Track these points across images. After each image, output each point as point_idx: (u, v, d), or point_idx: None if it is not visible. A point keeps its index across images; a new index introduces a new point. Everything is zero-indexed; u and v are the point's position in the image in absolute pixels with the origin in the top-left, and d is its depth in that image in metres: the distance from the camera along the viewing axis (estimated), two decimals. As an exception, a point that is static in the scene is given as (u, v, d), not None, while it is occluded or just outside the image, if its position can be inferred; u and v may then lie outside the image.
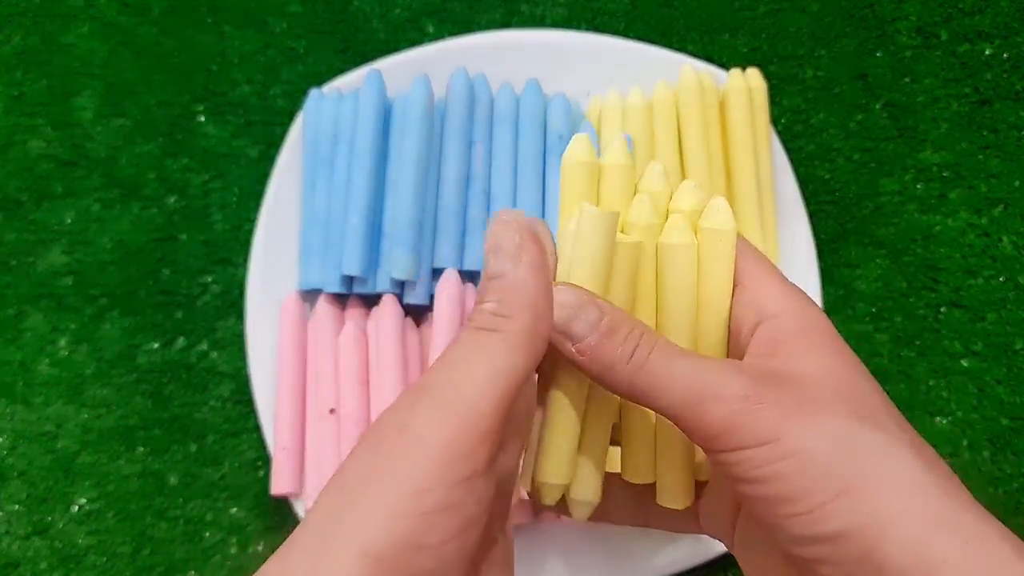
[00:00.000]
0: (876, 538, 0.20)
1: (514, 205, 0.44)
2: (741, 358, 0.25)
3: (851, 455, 0.21)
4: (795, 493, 0.21)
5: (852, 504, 0.21)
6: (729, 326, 0.26)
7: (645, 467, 0.27)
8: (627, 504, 0.29)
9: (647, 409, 0.26)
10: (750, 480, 0.22)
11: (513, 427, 0.23)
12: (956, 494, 0.21)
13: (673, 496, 0.27)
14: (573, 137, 0.26)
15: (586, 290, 0.23)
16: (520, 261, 0.21)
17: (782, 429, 0.22)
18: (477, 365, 0.20)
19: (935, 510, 0.20)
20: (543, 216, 0.44)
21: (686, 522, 0.29)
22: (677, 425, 0.23)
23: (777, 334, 0.24)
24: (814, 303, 0.25)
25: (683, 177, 0.45)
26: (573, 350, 0.22)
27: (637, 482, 0.27)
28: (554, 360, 0.24)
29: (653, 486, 0.27)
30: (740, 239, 0.26)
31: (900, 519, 0.20)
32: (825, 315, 0.25)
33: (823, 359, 0.23)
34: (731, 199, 0.45)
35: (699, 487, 0.28)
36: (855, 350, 0.47)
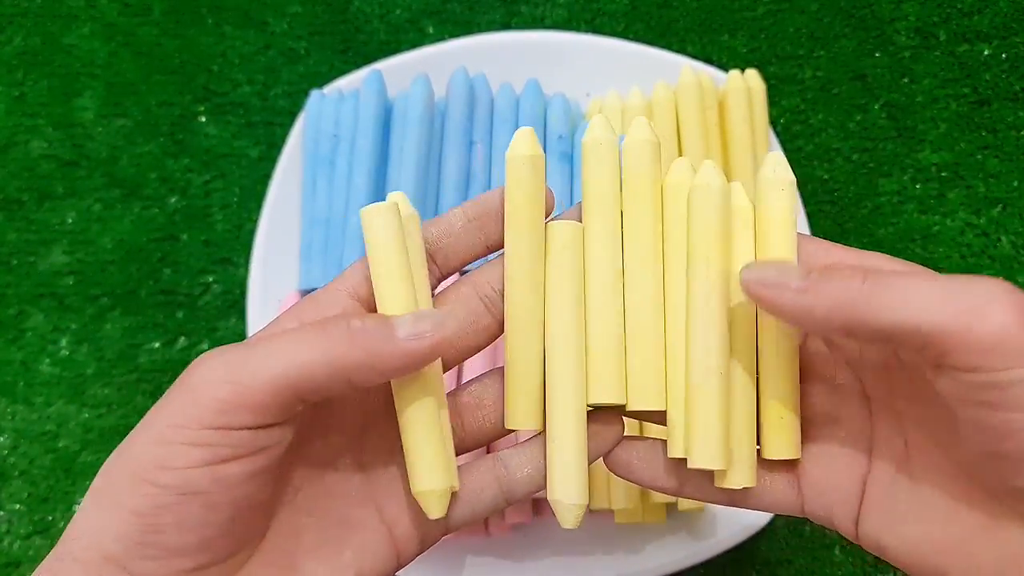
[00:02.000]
0: None
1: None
2: None
3: None
4: None
5: None
6: None
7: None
8: (656, 463, 0.26)
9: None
10: (1017, 407, 0.19)
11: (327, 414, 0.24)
12: None
13: (780, 445, 0.24)
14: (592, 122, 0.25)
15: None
16: (420, 337, 0.22)
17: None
18: (285, 351, 0.22)
19: None
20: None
21: (779, 501, 0.25)
22: (918, 343, 0.20)
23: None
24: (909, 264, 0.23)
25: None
26: (793, 289, 0.21)
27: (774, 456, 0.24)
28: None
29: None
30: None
31: None
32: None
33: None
34: (730, 199, 0.45)
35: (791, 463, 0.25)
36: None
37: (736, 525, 0.43)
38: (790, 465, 0.25)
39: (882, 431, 0.24)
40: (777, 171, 0.24)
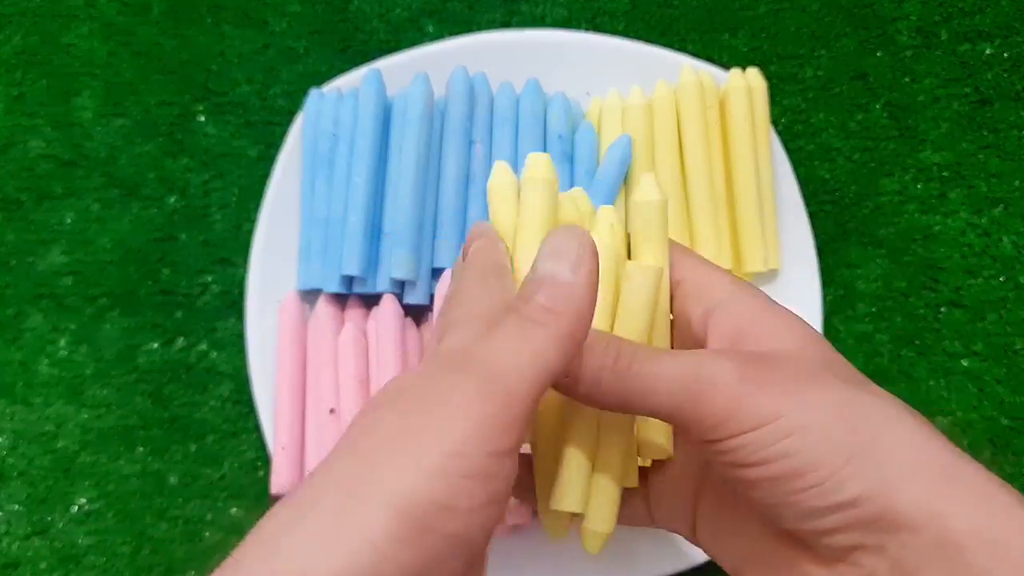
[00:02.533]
0: (889, 497, 0.21)
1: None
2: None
3: (854, 420, 0.22)
4: (805, 467, 0.21)
5: (864, 467, 0.21)
6: (672, 319, 0.27)
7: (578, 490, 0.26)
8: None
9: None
10: (755, 463, 0.22)
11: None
12: (953, 448, 0.22)
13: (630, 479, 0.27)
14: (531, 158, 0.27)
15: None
16: (579, 270, 0.21)
17: (782, 407, 0.22)
18: (523, 352, 0.20)
19: (941, 463, 0.21)
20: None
21: (633, 515, 0.29)
22: (672, 423, 0.24)
23: (735, 319, 0.25)
24: (749, 284, 0.26)
25: (683, 177, 0.45)
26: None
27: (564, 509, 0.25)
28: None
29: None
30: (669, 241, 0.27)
31: (911, 475, 0.21)
32: (763, 292, 0.26)
33: (793, 334, 0.24)
34: (731, 199, 0.45)
35: (646, 476, 0.29)
36: (855, 350, 0.47)
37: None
38: (641, 490, 0.29)
39: (705, 467, 0.27)
40: (648, 192, 0.26)
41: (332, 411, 0.42)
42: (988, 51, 0.51)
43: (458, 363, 0.20)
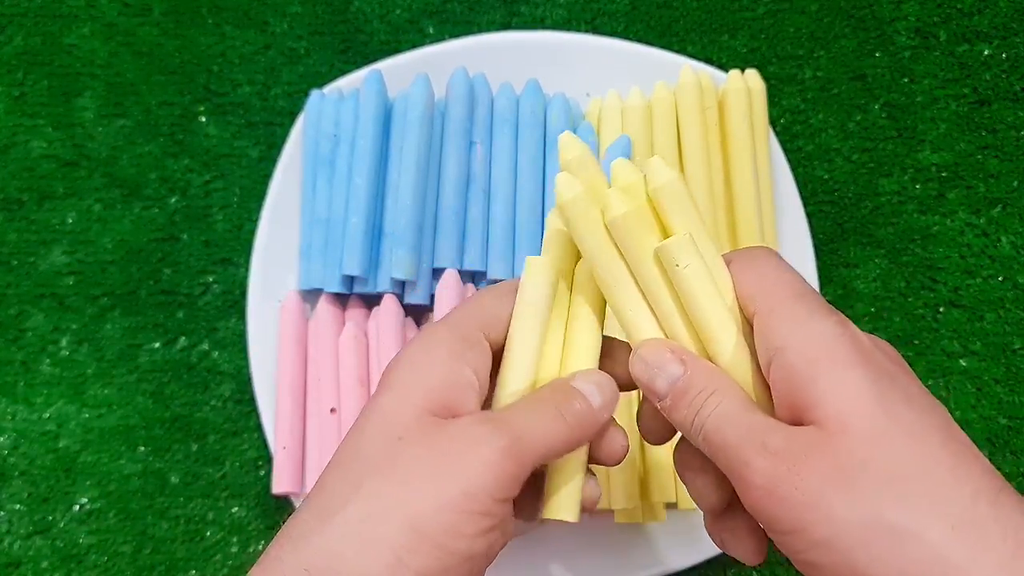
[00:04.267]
0: None
1: (514, 205, 0.44)
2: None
3: (871, 542, 0.20)
4: (827, 572, 0.21)
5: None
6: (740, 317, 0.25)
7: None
8: None
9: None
10: (791, 554, 0.22)
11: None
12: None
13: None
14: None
15: (670, 345, 0.25)
16: (604, 409, 0.26)
17: (804, 520, 0.21)
18: (547, 434, 0.24)
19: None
20: (542, 213, 0.44)
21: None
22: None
23: (786, 372, 0.22)
24: (823, 316, 0.23)
25: (683, 177, 0.45)
26: (657, 404, 0.25)
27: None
28: None
29: None
30: (764, 253, 0.25)
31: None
32: (837, 325, 0.22)
33: (836, 399, 0.21)
34: (730, 199, 0.45)
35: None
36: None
37: None
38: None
39: None
40: (660, 175, 0.25)
41: (333, 410, 0.43)
42: (986, 52, 0.51)
43: (494, 418, 0.24)
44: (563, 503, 0.27)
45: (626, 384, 0.27)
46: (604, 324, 0.27)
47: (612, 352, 0.28)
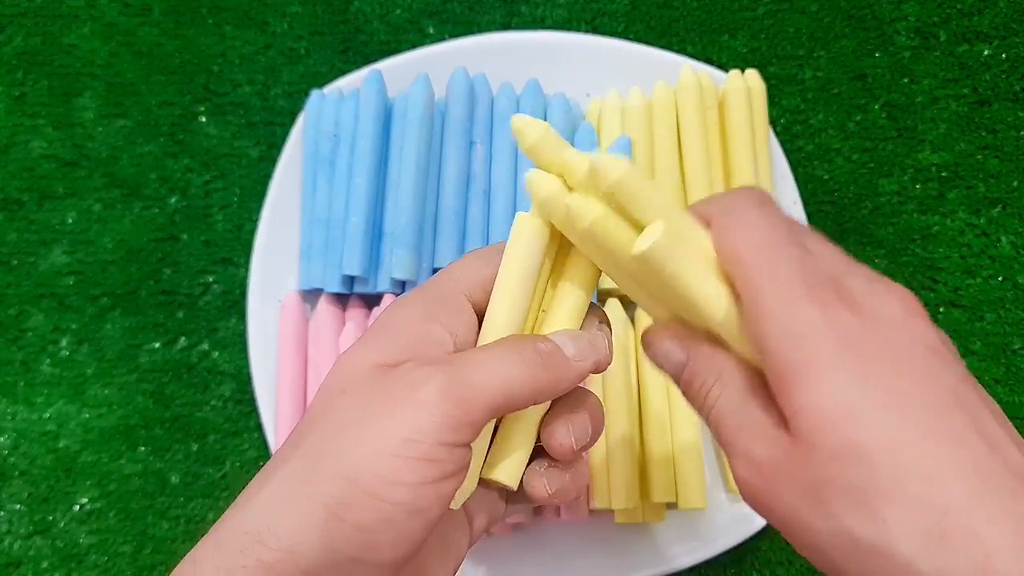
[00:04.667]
0: None
1: (513, 205, 0.44)
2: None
3: (852, 558, 0.20)
4: (822, 568, 0.21)
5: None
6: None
7: None
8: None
9: None
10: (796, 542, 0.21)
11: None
12: None
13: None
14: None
15: (672, 331, 0.24)
16: (581, 361, 0.24)
17: (788, 528, 0.21)
18: (496, 375, 0.22)
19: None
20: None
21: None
22: None
23: (771, 374, 0.21)
24: (806, 301, 0.21)
25: (683, 178, 0.45)
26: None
27: None
28: None
29: None
30: (733, 205, 0.23)
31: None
32: (820, 313, 0.21)
33: (808, 414, 0.20)
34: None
35: None
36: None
37: (736, 525, 0.43)
38: None
39: None
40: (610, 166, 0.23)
41: (333, 410, 0.43)
42: (986, 52, 0.51)
43: (438, 359, 0.22)
44: (504, 463, 0.25)
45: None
46: (595, 289, 0.26)
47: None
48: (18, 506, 0.46)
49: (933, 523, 0.19)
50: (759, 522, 0.43)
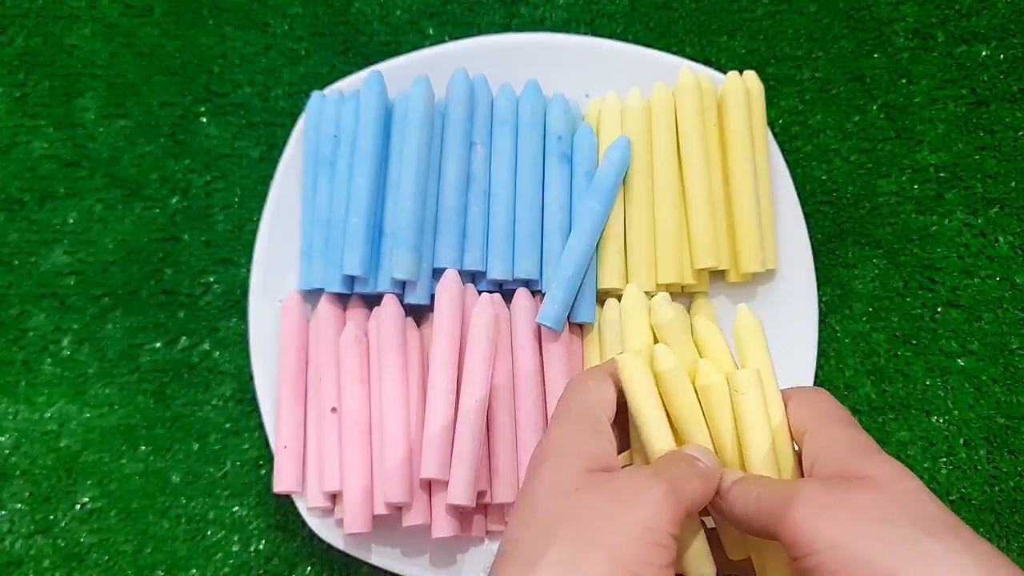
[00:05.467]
0: None
1: (514, 205, 0.44)
2: None
3: (908, 562, 0.24)
4: None
5: None
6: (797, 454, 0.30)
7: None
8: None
9: None
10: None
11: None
12: None
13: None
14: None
15: (695, 452, 0.30)
16: (710, 472, 0.30)
17: (846, 536, 0.25)
18: (691, 484, 0.28)
19: None
20: (540, 212, 0.44)
21: None
22: (769, 538, 0.28)
23: (828, 469, 0.28)
24: (857, 432, 0.29)
25: (681, 178, 0.45)
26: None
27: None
28: None
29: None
30: (810, 390, 0.31)
31: None
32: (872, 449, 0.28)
33: (882, 467, 0.27)
34: (729, 200, 0.45)
35: None
36: (852, 349, 0.47)
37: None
38: None
39: None
40: (746, 319, 0.32)
41: (334, 410, 0.43)
42: (984, 53, 0.51)
43: (649, 469, 0.28)
44: (697, 558, 0.30)
45: None
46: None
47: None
48: (19, 505, 0.46)
49: None
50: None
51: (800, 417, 0.30)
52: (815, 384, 0.47)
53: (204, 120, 0.50)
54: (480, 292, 0.43)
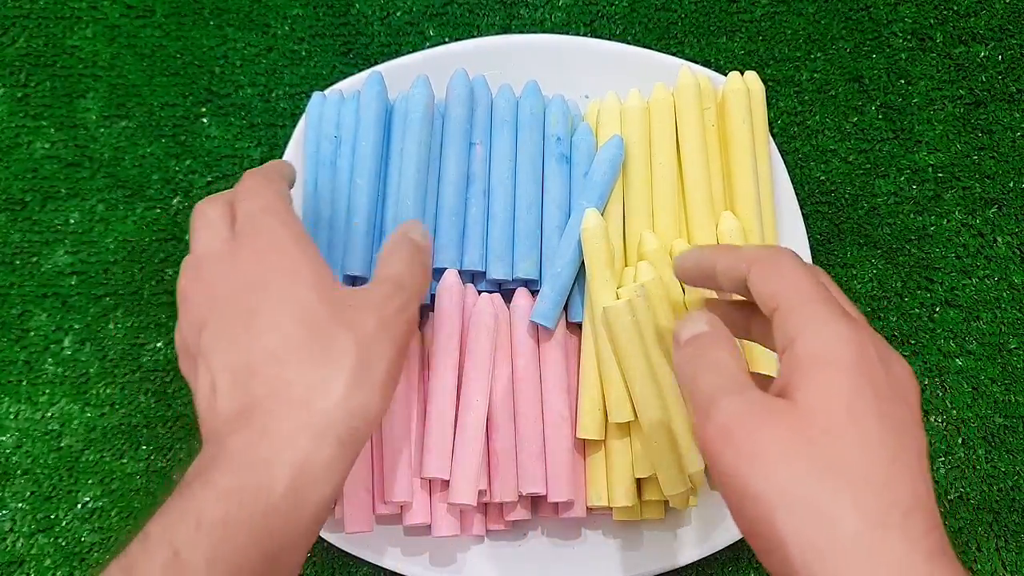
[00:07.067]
0: None
1: (513, 206, 0.45)
2: None
3: (792, 509, 0.23)
4: (750, 531, 0.25)
5: (787, 558, 0.23)
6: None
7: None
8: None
9: None
10: (727, 502, 0.25)
11: None
12: (895, 570, 0.22)
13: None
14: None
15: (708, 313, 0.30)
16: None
17: (740, 469, 0.24)
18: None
19: (873, 568, 0.22)
20: (540, 212, 0.44)
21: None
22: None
23: (792, 361, 0.26)
24: (838, 318, 0.26)
25: (681, 179, 0.45)
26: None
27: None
28: None
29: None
30: (785, 255, 0.29)
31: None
32: (853, 337, 0.25)
33: (816, 394, 0.25)
34: (730, 200, 0.45)
35: None
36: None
37: (735, 523, 0.43)
38: None
39: None
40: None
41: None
42: (982, 53, 0.51)
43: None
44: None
45: None
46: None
47: None
48: (21, 505, 0.46)
49: (879, 515, 0.23)
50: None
51: (769, 291, 0.28)
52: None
53: (205, 121, 0.50)
54: (480, 292, 0.44)
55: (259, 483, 0.25)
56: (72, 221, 0.49)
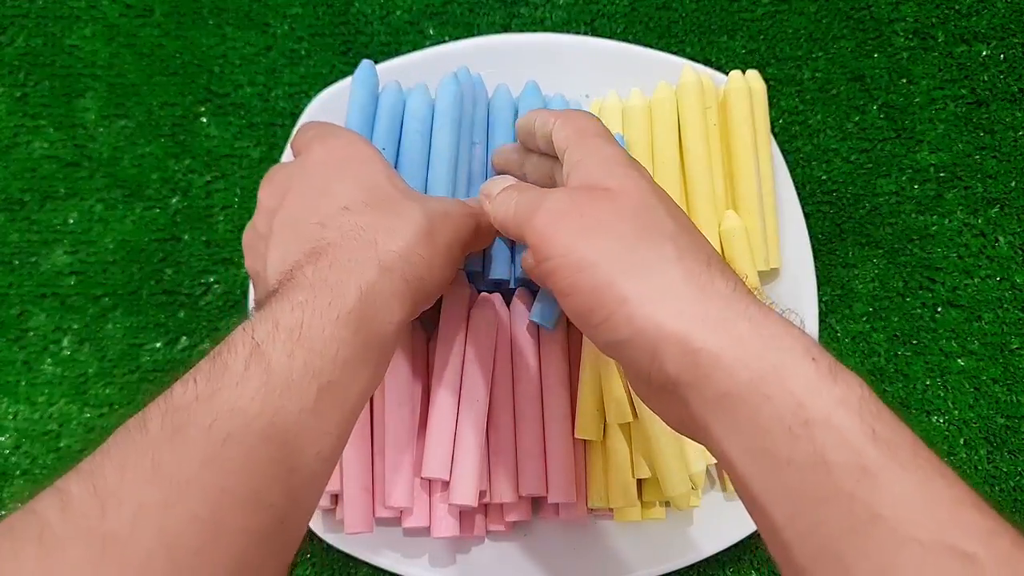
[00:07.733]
0: (655, 340, 0.25)
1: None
2: None
3: (627, 269, 0.26)
4: (590, 305, 0.26)
5: (630, 313, 0.25)
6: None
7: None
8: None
9: None
10: (562, 292, 0.27)
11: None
12: (724, 302, 0.25)
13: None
14: None
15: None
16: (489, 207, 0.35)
17: (576, 244, 0.27)
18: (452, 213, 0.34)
19: (700, 312, 0.25)
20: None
21: None
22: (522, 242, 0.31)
23: (577, 175, 0.30)
24: (609, 144, 0.31)
25: (684, 178, 0.45)
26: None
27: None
28: None
29: None
30: (583, 113, 0.33)
31: (669, 322, 0.25)
32: (619, 153, 0.30)
33: (625, 184, 0.29)
34: (732, 199, 0.45)
35: None
36: (852, 349, 0.48)
37: (734, 524, 0.43)
38: None
39: None
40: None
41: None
42: (984, 53, 0.51)
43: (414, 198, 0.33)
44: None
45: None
46: None
47: None
48: (19, 505, 0.46)
49: (644, 260, 0.27)
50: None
51: (562, 136, 0.32)
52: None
53: (204, 120, 0.50)
54: (480, 292, 0.43)
55: (331, 299, 0.27)
56: (71, 221, 0.49)
